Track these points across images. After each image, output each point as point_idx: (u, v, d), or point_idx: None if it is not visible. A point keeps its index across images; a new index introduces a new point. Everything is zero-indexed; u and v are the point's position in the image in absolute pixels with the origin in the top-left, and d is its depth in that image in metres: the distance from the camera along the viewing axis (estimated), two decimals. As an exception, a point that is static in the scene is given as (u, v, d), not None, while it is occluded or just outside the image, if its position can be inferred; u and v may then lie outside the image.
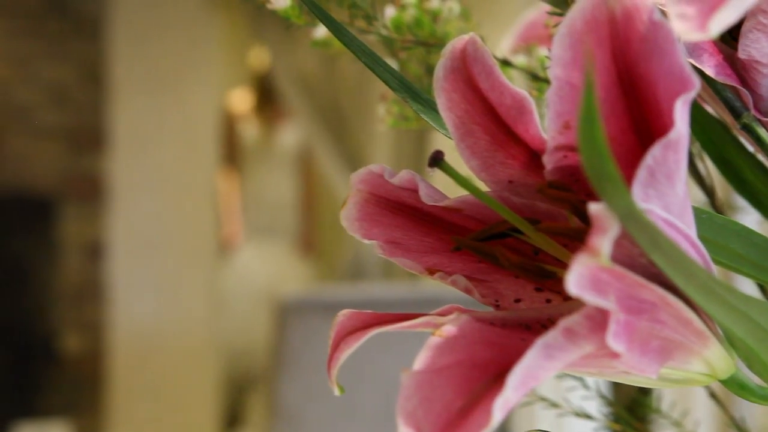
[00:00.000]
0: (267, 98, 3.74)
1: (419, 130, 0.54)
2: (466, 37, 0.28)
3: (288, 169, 3.76)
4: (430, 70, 0.53)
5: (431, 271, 0.32)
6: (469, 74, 0.28)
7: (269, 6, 0.44)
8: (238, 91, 3.87)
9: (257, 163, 3.75)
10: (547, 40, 0.53)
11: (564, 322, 0.25)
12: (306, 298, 2.19)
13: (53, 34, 3.41)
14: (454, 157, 0.32)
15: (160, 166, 3.63)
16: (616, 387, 0.59)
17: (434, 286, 2.18)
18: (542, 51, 0.51)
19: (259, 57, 3.80)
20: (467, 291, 0.31)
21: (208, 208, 3.62)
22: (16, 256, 3.67)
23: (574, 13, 0.25)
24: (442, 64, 0.28)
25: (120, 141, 3.59)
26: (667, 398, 0.53)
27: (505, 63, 0.47)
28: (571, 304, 0.32)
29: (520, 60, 0.51)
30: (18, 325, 3.69)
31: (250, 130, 3.74)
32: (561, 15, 0.38)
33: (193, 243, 3.75)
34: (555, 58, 0.25)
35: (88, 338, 3.57)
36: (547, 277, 0.31)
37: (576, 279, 0.24)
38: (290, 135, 3.77)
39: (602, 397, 0.53)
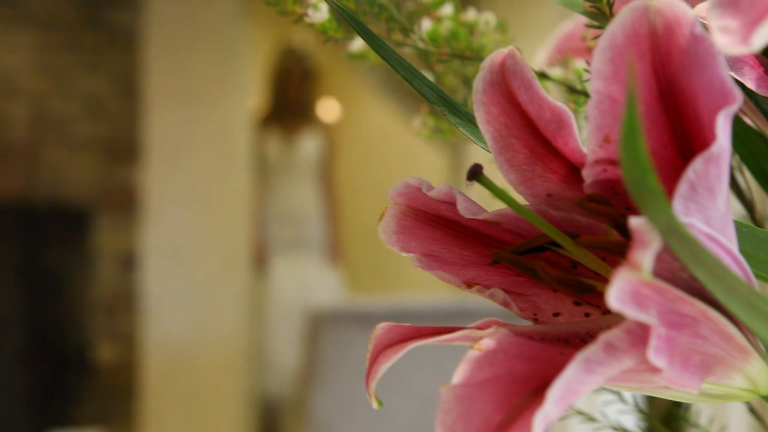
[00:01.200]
0: (286, 106, 3.72)
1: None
2: (505, 50, 0.28)
3: (310, 179, 3.73)
4: (465, 82, 0.53)
5: (469, 285, 0.32)
6: (508, 88, 0.28)
7: (306, 20, 0.44)
8: (260, 100, 3.87)
9: (280, 173, 3.72)
10: (584, 52, 0.53)
11: (604, 337, 0.25)
12: (338, 309, 2.19)
13: (88, 46, 3.46)
14: (491, 169, 0.32)
15: (193, 176, 3.66)
16: (650, 400, 0.59)
17: (468, 296, 2.17)
18: (579, 63, 0.50)
19: (281, 60, 3.78)
20: (505, 304, 0.31)
21: (242, 219, 3.64)
22: (52, 266, 3.71)
23: (615, 26, 0.25)
24: (481, 77, 0.28)
25: (154, 152, 3.63)
26: (704, 412, 0.53)
27: (542, 75, 0.47)
28: (611, 317, 0.32)
29: (556, 72, 0.51)
30: (53, 336, 3.73)
31: (272, 140, 3.71)
32: (599, 28, 0.38)
33: (226, 254, 3.77)
34: (595, 71, 0.25)
35: (122, 348, 3.61)
36: (585, 291, 0.31)
37: (617, 294, 0.24)
38: (311, 144, 3.73)
39: (640, 411, 0.52)
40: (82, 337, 3.57)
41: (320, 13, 0.43)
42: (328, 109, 4.14)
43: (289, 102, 3.74)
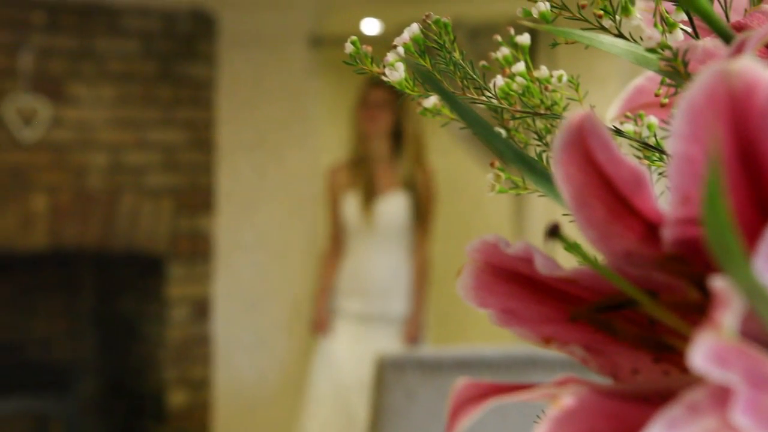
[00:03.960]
0: (368, 152, 3.17)
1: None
2: (582, 112, 0.28)
3: (395, 245, 3.18)
4: (538, 136, 0.54)
5: (547, 341, 0.33)
6: (586, 148, 0.28)
7: (384, 78, 0.45)
8: (339, 161, 3.39)
9: (359, 239, 3.19)
10: (656, 107, 0.53)
11: (687, 397, 0.25)
12: (406, 357, 2.19)
13: (164, 99, 3.57)
14: (568, 225, 0.32)
15: (263, 225, 3.72)
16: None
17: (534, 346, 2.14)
18: (651, 119, 0.51)
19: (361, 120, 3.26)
20: (584, 362, 0.31)
21: (310, 268, 3.66)
22: (126, 312, 3.79)
23: (694, 88, 0.26)
24: (559, 137, 0.29)
25: (225, 201, 3.70)
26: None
27: (616, 131, 0.47)
28: (691, 376, 0.32)
29: (628, 128, 0.51)
30: (128, 380, 3.80)
31: (350, 203, 3.19)
32: (675, 86, 0.38)
33: (294, 302, 3.80)
34: (674, 132, 0.26)
35: (194, 393, 3.65)
36: (665, 349, 0.31)
37: (699, 354, 0.24)
38: (397, 201, 3.19)
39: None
40: (156, 381, 3.62)
41: (397, 72, 0.45)
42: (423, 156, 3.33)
43: (371, 145, 3.15)
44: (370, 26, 3.96)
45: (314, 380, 3.17)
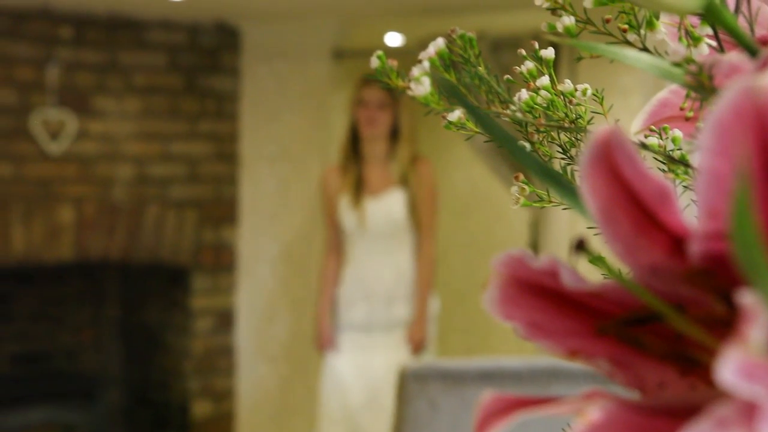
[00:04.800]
0: (355, 166, 3.01)
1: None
2: (609, 127, 0.29)
3: (394, 246, 3.01)
4: (562, 150, 0.54)
5: (573, 354, 0.33)
6: (612, 163, 0.29)
7: (409, 93, 0.46)
8: (331, 164, 3.28)
9: (358, 243, 3.02)
10: (680, 121, 0.53)
11: (714, 411, 0.25)
12: (429, 368, 2.19)
13: (188, 112, 3.60)
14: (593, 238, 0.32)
15: (285, 237, 3.73)
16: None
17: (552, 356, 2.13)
18: (675, 132, 0.51)
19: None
20: (610, 375, 0.32)
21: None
22: (150, 323, 3.82)
23: (721, 103, 0.26)
24: (586, 152, 0.29)
25: (248, 213, 3.72)
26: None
27: (640, 145, 0.48)
28: (718, 390, 0.32)
29: (652, 141, 0.51)
30: (152, 390, 3.82)
31: (343, 206, 3.04)
32: (700, 100, 0.38)
33: (315, 314, 3.79)
34: (702, 147, 0.26)
35: (217, 403, 3.66)
36: (691, 363, 0.31)
37: (726, 369, 0.24)
38: (389, 204, 3.00)
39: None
40: (180, 392, 3.64)
41: (423, 87, 0.45)
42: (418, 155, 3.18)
43: (369, 146, 3.00)
44: (392, 39, 3.98)
45: (323, 400, 3.03)
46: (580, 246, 0.29)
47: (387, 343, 2.96)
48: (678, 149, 0.50)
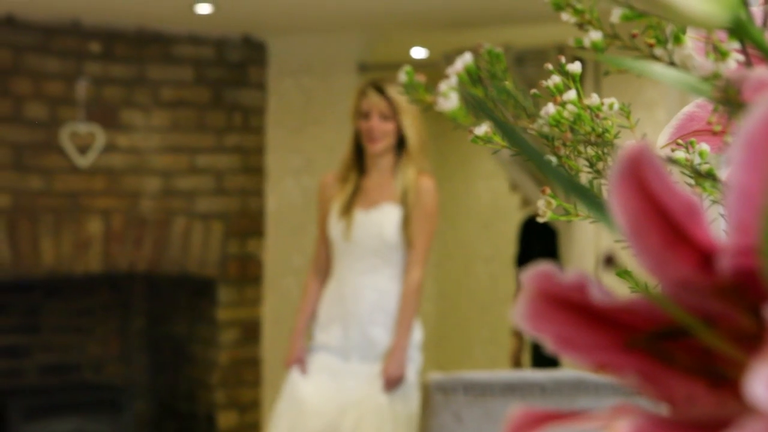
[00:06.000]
0: (353, 176, 2.75)
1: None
2: (638, 143, 0.29)
3: (379, 265, 2.67)
4: (589, 164, 0.54)
5: (601, 368, 0.33)
6: (641, 178, 0.29)
7: (436, 108, 0.46)
8: (331, 172, 2.95)
9: (343, 258, 2.72)
10: (707, 135, 0.53)
11: (743, 426, 0.25)
12: (453, 379, 2.19)
13: (215, 125, 3.63)
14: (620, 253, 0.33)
15: (311, 250, 3.74)
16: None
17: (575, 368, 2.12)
18: (703, 146, 0.51)
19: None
20: (639, 389, 0.32)
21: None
22: (178, 335, 3.84)
23: (751, 117, 0.26)
24: (615, 168, 0.29)
25: (274, 226, 3.74)
26: None
27: (668, 159, 0.48)
28: (747, 404, 0.32)
29: (679, 155, 0.51)
30: (178, 401, 3.84)
31: (332, 216, 2.74)
32: (728, 114, 0.38)
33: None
34: (732, 161, 0.26)
35: (244, 415, 3.67)
36: (720, 377, 0.31)
37: (755, 384, 0.24)
38: (380, 218, 2.69)
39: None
40: (206, 403, 3.66)
41: (450, 102, 0.45)
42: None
43: (373, 161, 2.72)
44: (416, 52, 3.99)
45: (273, 420, 2.69)
46: (609, 261, 0.29)
47: (362, 374, 2.62)
48: (705, 163, 0.50)
